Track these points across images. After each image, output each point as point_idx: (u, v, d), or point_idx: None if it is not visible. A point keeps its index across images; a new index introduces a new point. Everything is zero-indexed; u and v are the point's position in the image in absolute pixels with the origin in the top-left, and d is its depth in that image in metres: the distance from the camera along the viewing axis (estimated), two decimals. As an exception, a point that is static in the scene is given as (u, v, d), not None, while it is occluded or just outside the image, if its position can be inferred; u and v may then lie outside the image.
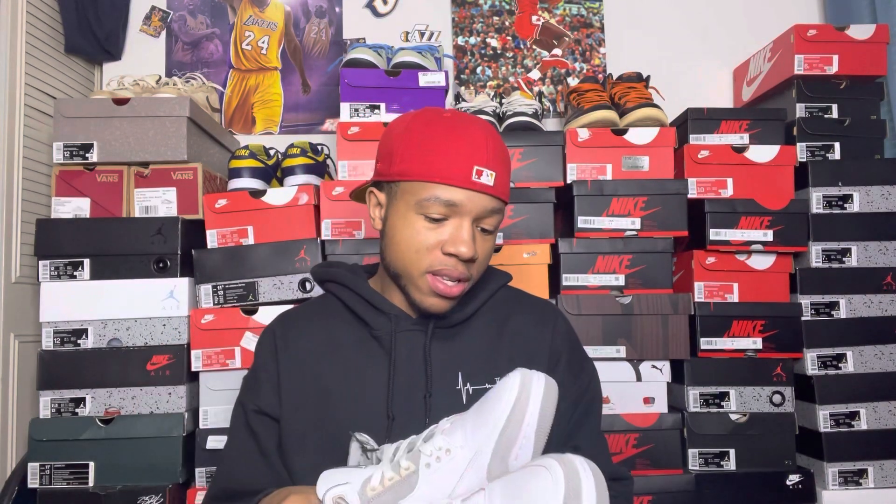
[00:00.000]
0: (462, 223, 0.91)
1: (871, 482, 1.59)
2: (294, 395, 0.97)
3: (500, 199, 0.94)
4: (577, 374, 1.02)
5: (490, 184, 0.91)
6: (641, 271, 1.60)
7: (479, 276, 0.97)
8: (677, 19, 2.12)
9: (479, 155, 0.91)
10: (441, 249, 0.91)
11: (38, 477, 1.47)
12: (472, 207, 0.91)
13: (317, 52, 2.10)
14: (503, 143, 0.96)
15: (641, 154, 1.64)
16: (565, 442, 0.97)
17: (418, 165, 0.91)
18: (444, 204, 0.90)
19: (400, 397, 0.94)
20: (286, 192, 1.58)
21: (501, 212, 0.95)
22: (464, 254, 0.90)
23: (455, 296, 0.93)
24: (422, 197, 0.91)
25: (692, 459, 1.59)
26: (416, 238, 0.92)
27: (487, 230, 0.94)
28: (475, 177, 0.90)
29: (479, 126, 0.94)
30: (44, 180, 1.75)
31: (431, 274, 0.92)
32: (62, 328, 1.52)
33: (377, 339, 0.98)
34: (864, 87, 1.74)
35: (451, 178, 0.89)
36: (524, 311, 1.04)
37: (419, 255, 0.92)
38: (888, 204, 1.66)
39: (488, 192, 0.91)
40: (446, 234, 0.91)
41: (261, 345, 1.03)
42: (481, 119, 0.97)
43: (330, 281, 1.04)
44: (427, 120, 0.94)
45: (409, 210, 0.92)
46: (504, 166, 0.94)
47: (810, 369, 1.62)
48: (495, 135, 0.95)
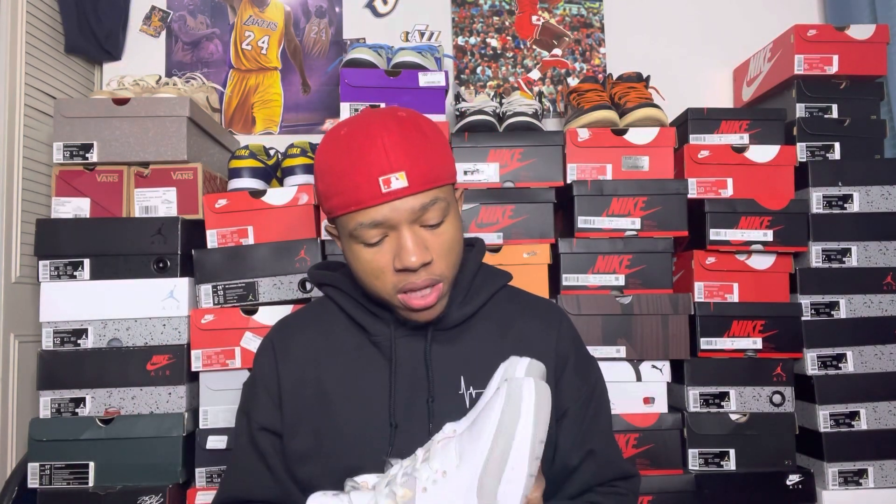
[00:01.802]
0: (400, 235, 0.87)
1: (871, 482, 1.59)
2: (296, 407, 0.96)
3: (428, 190, 0.88)
4: (584, 375, 1.01)
5: (404, 185, 0.85)
6: (641, 271, 1.60)
7: (451, 269, 0.92)
8: (677, 19, 2.12)
9: (379, 163, 0.85)
10: (393, 268, 0.88)
11: (38, 477, 1.47)
12: (400, 216, 0.86)
13: (317, 52, 2.10)
14: (413, 126, 0.89)
15: (641, 154, 1.64)
16: (580, 446, 0.96)
17: (335, 199, 0.88)
18: (370, 227, 0.87)
19: (402, 404, 0.93)
20: (286, 192, 1.58)
21: (439, 199, 0.88)
22: (413, 263, 0.86)
23: (433, 303, 0.90)
24: (350, 228, 0.88)
25: (692, 459, 1.59)
26: (367, 266, 0.89)
27: (433, 224, 0.89)
28: (384, 188, 0.85)
29: (374, 127, 0.88)
30: (44, 180, 1.75)
31: (400, 293, 0.90)
32: (62, 328, 1.52)
33: (376, 346, 0.97)
34: (864, 87, 1.74)
35: (362, 200, 0.86)
36: (527, 312, 1.02)
37: (380, 280, 0.90)
38: (888, 204, 1.66)
39: (407, 194, 0.86)
40: (391, 252, 0.88)
41: (260, 356, 1.02)
42: (377, 116, 0.90)
43: (327, 285, 1.02)
44: (325, 149, 0.90)
45: (350, 242, 0.90)
46: (416, 156, 0.87)
47: (810, 369, 1.62)
48: (394, 127, 0.88)
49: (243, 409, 1.01)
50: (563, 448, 0.97)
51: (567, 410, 0.97)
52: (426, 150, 0.89)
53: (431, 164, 0.88)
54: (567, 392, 0.98)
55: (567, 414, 0.97)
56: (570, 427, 0.97)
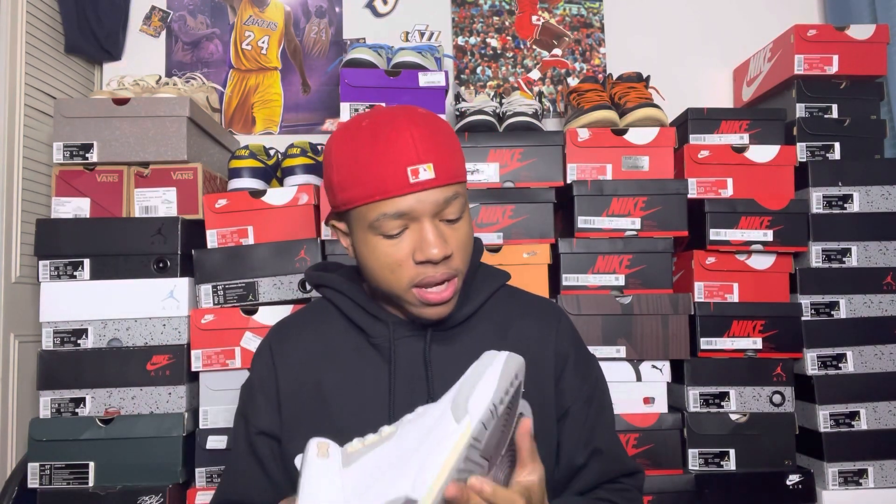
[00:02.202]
0: (422, 227, 0.87)
1: (871, 482, 1.59)
2: (295, 410, 0.96)
3: (452, 185, 0.88)
4: (584, 373, 1.00)
5: (431, 176, 0.85)
6: (641, 271, 1.60)
7: (465, 265, 0.92)
8: (677, 19, 2.12)
9: (408, 153, 0.85)
10: (413, 260, 0.87)
11: (38, 477, 1.47)
12: (424, 208, 0.86)
13: (317, 52, 2.10)
14: (434, 122, 0.90)
15: (641, 154, 1.64)
16: (585, 445, 0.96)
17: (355, 189, 0.87)
18: (394, 217, 0.86)
19: (402, 406, 0.92)
20: (286, 192, 1.58)
21: (460, 194, 0.89)
22: (435, 255, 0.86)
23: (449, 298, 0.91)
24: (371, 219, 0.87)
25: (692, 459, 1.59)
26: (385, 259, 0.88)
27: (452, 219, 0.89)
28: (412, 178, 0.85)
29: (400, 120, 0.88)
30: (44, 180, 1.75)
31: (416, 287, 0.89)
32: (62, 328, 1.52)
33: (375, 347, 0.96)
34: (864, 87, 1.74)
35: (389, 190, 0.85)
36: (526, 311, 1.02)
37: (396, 274, 0.89)
38: (888, 204, 1.66)
39: (433, 186, 0.86)
40: (412, 244, 0.87)
41: (258, 359, 1.01)
42: (400, 110, 0.91)
43: (325, 286, 1.01)
44: (348, 137, 0.90)
45: (367, 235, 0.89)
46: (441, 150, 0.88)
47: (810, 369, 1.62)
48: (419, 121, 0.88)
49: (241, 413, 1.01)
50: (568, 447, 0.96)
51: (569, 409, 0.97)
52: (450, 144, 0.90)
53: (454, 159, 0.90)
54: (568, 391, 0.98)
55: (569, 413, 0.97)
56: (574, 426, 0.97)
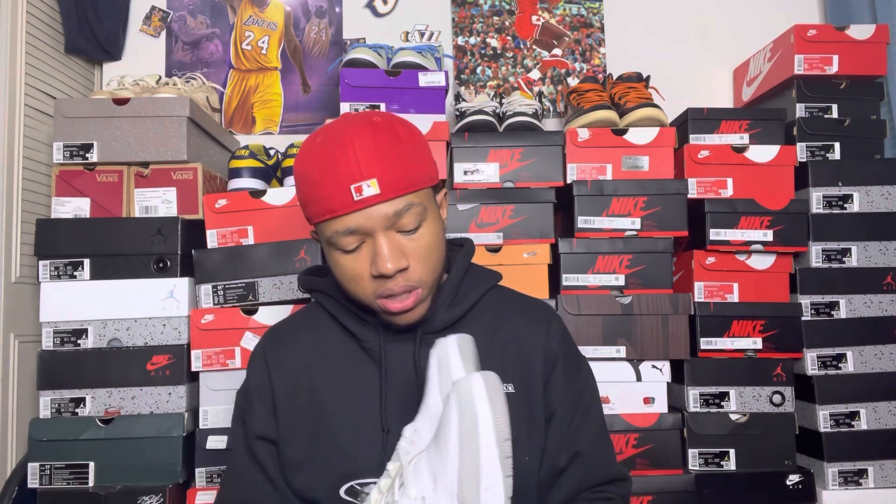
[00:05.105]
0: (374, 242, 0.87)
1: (871, 482, 1.59)
2: (290, 415, 0.96)
3: (402, 196, 0.87)
4: (573, 375, 1.00)
5: (375, 192, 0.85)
6: (641, 271, 1.60)
7: (431, 273, 0.91)
8: (677, 19, 2.12)
9: (351, 170, 0.85)
10: (371, 273, 0.88)
11: (38, 477, 1.47)
12: (373, 224, 0.86)
13: (317, 52, 2.10)
14: (387, 131, 0.88)
15: (641, 154, 1.64)
16: (568, 447, 0.96)
17: (309, 208, 0.89)
18: (345, 235, 0.87)
19: (393, 409, 0.93)
20: (286, 192, 1.58)
21: (414, 204, 0.87)
22: (389, 270, 0.86)
23: (411, 307, 0.90)
24: (327, 236, 0.89)
25: (692, 459, 1.59)
26: (347, 273, 0.90)
27: (409, 230, 0.88)
28: (356, 195, 0.85)
29: (346, 135, 0.87)
30: (44, 180, 1.75)
31: (380, 298, 0.90)
32: (62, 328, 1.52)
33: (367, 351, 0.97)
34: (864, 87, 1.74)
35: (335, 209, 0.86)
36: (517, 312, 1.02)
37: (359, 287, 0.90)
38: (888, 204, 1.66)
39: (379, 201, 0.85)
40: (369, 258, 0.88)
41: (252, 365, 1.02)
42: (352, 121, 0.90)
43: (316, 291, 1.02)
44: (304, 155, 0.90)
45: (329, 249, 0.91)
46: (389, 162, 0.86)
47: (810, 369, 1.62)
48: (368, 133, 0.87)
49: (239, 418, 1.01)
50: (551, 448, 0.96)
51: (555, 411, 0.96)
52: (400, 154, 0.88)
53: (405, 168, 0.87)
54: (556, 393, 0.97)
55: (555, 415, 0.96)
56: (558, 428, 0.96)
